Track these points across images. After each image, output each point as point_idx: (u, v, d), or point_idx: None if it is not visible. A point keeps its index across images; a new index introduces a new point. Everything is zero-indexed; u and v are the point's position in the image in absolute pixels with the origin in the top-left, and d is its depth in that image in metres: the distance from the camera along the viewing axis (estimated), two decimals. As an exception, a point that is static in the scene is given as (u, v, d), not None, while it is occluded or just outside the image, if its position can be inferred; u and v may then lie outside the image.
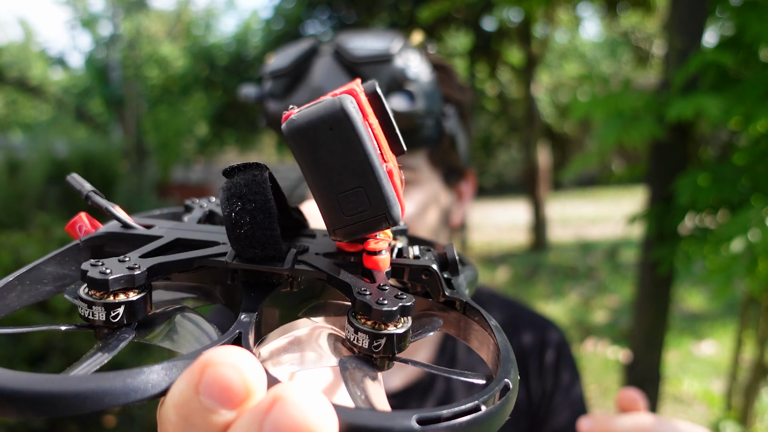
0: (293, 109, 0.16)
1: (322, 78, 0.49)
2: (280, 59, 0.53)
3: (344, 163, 0.15)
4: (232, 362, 0.12)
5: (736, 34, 1.10)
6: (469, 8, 3.67)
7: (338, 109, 0.15)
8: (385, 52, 0.49)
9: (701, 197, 1.01)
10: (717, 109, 0.96)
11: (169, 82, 5.98)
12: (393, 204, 0.16)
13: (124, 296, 0.16)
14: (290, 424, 0.11)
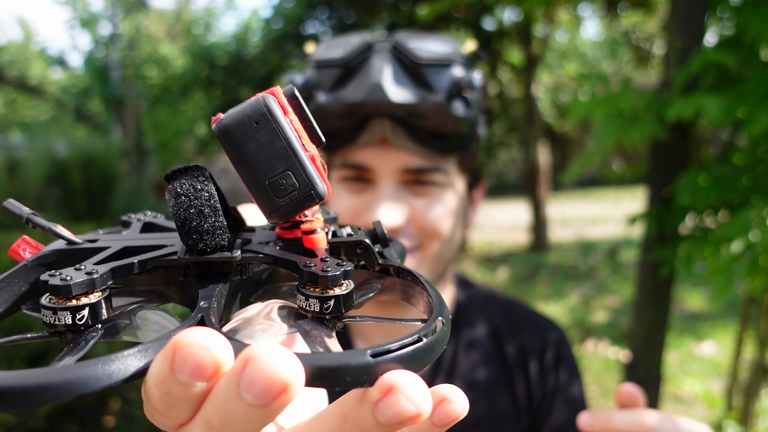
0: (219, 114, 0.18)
1: (381, 75, 0.50)
2: (331, 50, 0.53)
3: (271, 152, 0.18)
4: (199, 341, 0.13)
5: (736, 33, 1.10)
6: (469, 8, 3.67)
7: (262, 105, 0.17)
8: (447, 57, 0.50)
9: (701, 197, 1.01)
10: (717, 109, 0.95)
11: (168, 81, 5.98)
12: (318, 182, 0.18)
13: (86, 299, 0.17)
14: (263, 377, 0.13)
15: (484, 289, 0.72)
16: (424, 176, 0.55)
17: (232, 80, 4.73)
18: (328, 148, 0.55)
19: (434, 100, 0.50)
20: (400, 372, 0.15)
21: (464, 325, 0.67)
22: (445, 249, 0.58)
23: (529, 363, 0.66)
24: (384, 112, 0.51)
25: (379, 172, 0.54)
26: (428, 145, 0.53)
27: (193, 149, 5.82)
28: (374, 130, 0.53)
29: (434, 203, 0.56)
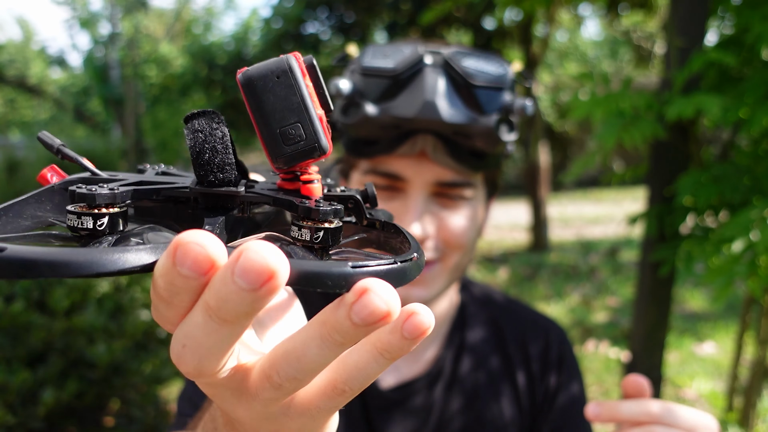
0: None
1: (435, 92, 0.49)
2: (381, 59, 0.51)
3: (286, 104, 0.20)
4: (196, 240, 0.16)
5: (736, 33, 1.10)
6: (469, 9, 3.67)
7: (285, 63, 0.20)
8: (500, 80, 0.51)
9: (702, 197, 1.01)
10: (718, 109, 0.95)
11: (168, 81, 5.97)
12: (322, 136, 0.21)
13: (106, 210, 0.19)
14: (254, 265, 0.15)
15: (484, 289, 0.72)
16: (455, 190, 0.56)
17: (232, 80, 4.73)
18: (360, 153, 0.55)
19: (484, 122, 0.50)
20: (374, 279, 0.18)
21: (467, 327, 0.67)
22: (463, 259, 0.59)
23: (531, 363, 0.66)
24: (432, 129, 0.51)
25: (413, 183, 0.55)
26: (465, 162, 0.53)
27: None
28: (415, 144, 0.53)
29: (461, 217, 0.56)
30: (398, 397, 0.62)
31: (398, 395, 0.62)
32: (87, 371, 1.43)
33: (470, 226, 0.58)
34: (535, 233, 4.64)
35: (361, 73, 0.52)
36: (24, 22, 11.81)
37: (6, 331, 1.38)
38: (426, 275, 0.56)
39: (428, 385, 0.63)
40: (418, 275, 0.19)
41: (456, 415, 0.63)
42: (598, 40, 9.92)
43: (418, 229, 0.53)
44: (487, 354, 0.66)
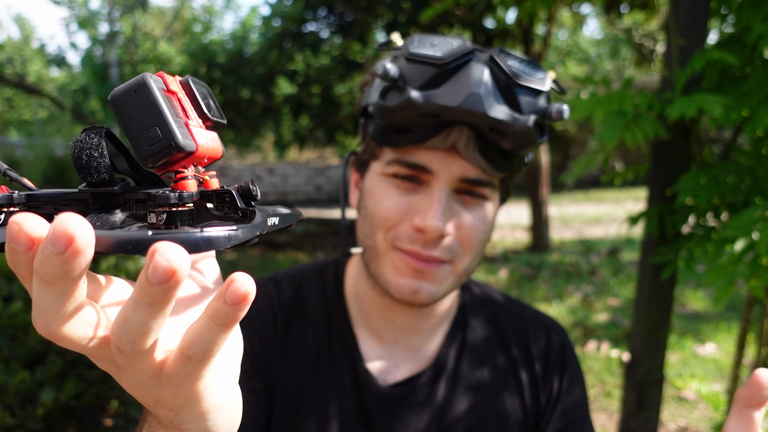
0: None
1: (480, 85, 0.49)
2: (428, 47, 0.51)
3: (144, 112, 0.24)
4: (16, 220, 0.19)
5: (737, 32, 1.09)
6: (470, 9, 3.66)
7: (140, 79, 0.24)
8: (540, 86, 0.51)
9: (703, 197, 1.00)
10: (719, 109, 0.94)
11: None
12: (178, 135, 0.24)
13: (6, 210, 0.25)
14: (58, 233, 0.18)
15: (484, 289, 0.72)
16: (478, 188, 0.56)
17: (231, 79, 4.71)
18: (389, 141, 0.54)
19: (523, 122, 0.50)
20: (166, 242, 0.20)
21: (468, 325, 0.67)
22: (472, 263, 0.59)
23: (534, 363, 0.66)
24: (471, 122, 0.51)
25: (438, 177, 0.54)
26: (493, 161, 0.54)
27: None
28: (448, 136, 0.53)
29: (479, 217, 0.57)
30: (398, 394, 0.62)
31: (398, 392, 0.62)
32: (86, 372, 1.43)
33: (485, 229, 0.58)
34: (536, 233, 4.64)
35: (407, 59, 0.51)
36: (22, 20, 11.78)
37: (4, 331, 1.38)
38: (438, 273, 0.56)
39: (430, 382, 0.63)
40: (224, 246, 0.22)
41: (459, 412, 0.63)
42: (599, 39, 9.91)
43: (440, 224, 0.53)
44: (488, 352, 0.66)
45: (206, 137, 0.26)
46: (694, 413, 2.07)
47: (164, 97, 0.24)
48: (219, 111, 0.28)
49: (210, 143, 0.26)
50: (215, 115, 0.27)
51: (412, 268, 0.56)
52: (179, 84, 0.26)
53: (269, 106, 4.82)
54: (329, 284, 0.68)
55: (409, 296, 0.56)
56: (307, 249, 4.61)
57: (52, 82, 10.09)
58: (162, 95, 0.24)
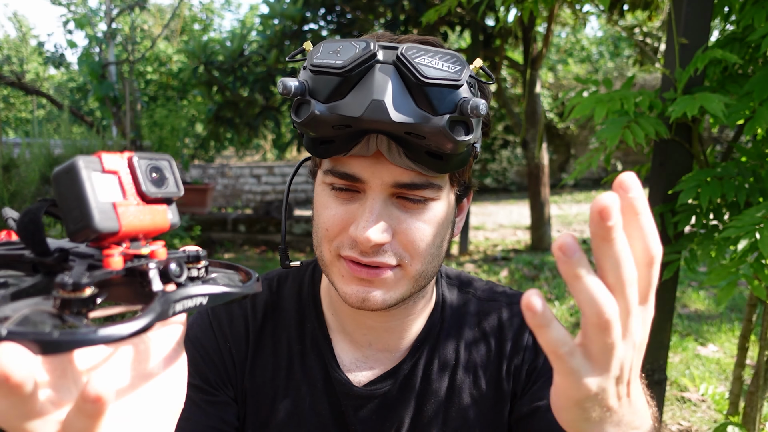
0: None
1: (383, 91, 0.47)
2: (330, 55, 0.49)
3: (71, 193, 0.26)
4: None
5: (740, 31, 1.08)
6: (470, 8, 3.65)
7: (71, 163, 0.26)
8: (454, 79, 0.47)
9: (705, 197, 0.99)
10: (722, 108, 0.93)
11: (165, 79, 5.93)
12: (95, 218, 0.25)
13: None
14: None
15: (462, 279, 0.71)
16: (416, 192, 0.54)
17: (230, 78, 4.70)
18: (318, 153, 0.53)
19: (435, 122, 0.47)
20: (6, 345, 0.21)
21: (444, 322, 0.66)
22: (428, 266, 0.57)
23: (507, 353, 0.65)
24: (381, 129, 0.49)
25: (370, 185, 0.53)
26: (424, 163, 0.51)
27: (191, 149, 5.79)
28: (369, 144, 0.51)
29: (422, 220, 0.55)
30: (373, 393, 0.63)
31: (373, 391, 0.63)
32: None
33: (434, 232, 0.56)
34: (537, 233, 4.63)
35: (311, 70, 0.49)
36: (20, 19, 11.75)
37: None
38: (385, 278, 0.55)
39: (404, 378, 0.63)
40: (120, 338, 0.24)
41: (435, 406, 0.63)
42: (600, 38, 9.90)
43: (371, 234, 0.51)
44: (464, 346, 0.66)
45: (143, 214, 0.28)
46: (696, 414, 2.06)
47: (92, 179, 0.26)
48: (175, 183, 0.29)
49: (149, 219, 0.28)
50: (164, 191, 0.29)
51: (356, 277, 0.55)
52: (126, 161, 0.28)
53: (268, 105, 4.81)
54: (306, 286, 0.68)
55: (359, 303, 0.55)
56: (306, 250, 4.60)
57: (49, 80, 10.07)
58: (89, 177, 0.26)
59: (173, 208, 0.30)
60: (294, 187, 8.08)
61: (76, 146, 3.23)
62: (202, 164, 7.27)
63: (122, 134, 4.65)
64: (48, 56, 5.64)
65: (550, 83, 8.30)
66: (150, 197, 0.28)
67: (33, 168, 2.88)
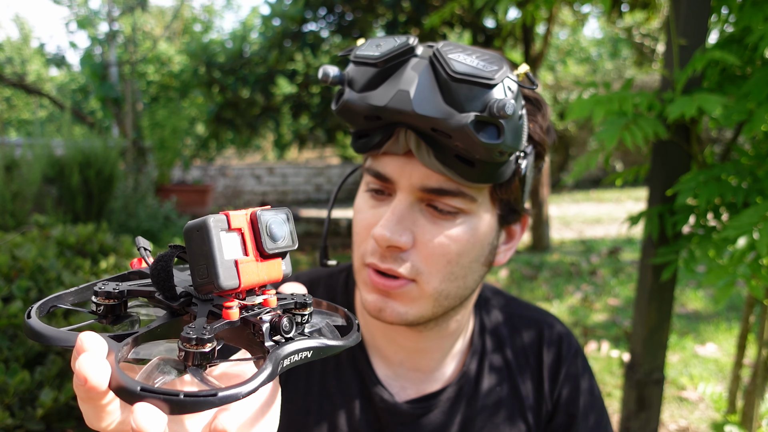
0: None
1: (411, 82, 0.46)
2: (371, 48, 0.49)
3: (200, 249, 0.28)
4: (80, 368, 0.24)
5: (738, 32, 1.09)
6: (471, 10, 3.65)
7: (203, 222, 0.28)
8: (486, 78, 0.44)
9: (703, 198, 1.00)
10: (720, 109, 0.94)
11: (166, 79, 5.94)
12: (220, 276, 0.28)
13: (107, 301, 0.31)
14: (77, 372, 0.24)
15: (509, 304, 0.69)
16: (444, 199, 0.51)
17: (231, 79, 4.71)
18: (356, 147, 0.53)
19: (459, 119, 0.44)
20: (143, 405, 0.24)
21: (487, 347, 0.65)
22: (449, 286, 0.53)
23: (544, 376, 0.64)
24: (407, 122, 0.47)
25: (398, 186, 0.51)
26: (453, 167, 0.48)
27: (191, 149, 5.80)
28: (399, 140, 0.50)
29: (446, 234, 0.51)
30: (417, 411, 0.60)
31: (417, 409, 0.60)
32: (85, 372, 1.42)
33: (459, 250, 0.51)
34: (537, 233, 4.63)
35: (353, 61, 0.50)
36: (21, 20, 11.77)
37: (4, 331, 1.37)
38: (401, 291, 0.52)
39: (451, 400, 0.61)
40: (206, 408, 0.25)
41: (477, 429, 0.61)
42: (599, 39, 9.90)
43: (387, 233, 0.49)
44: (509, 372, 0.64)
45: (260, 269, 0.30)
46: (694, 413, 2.07)
47: (220, 238, 0.28)
48: (290, 237, 0.31)
49: (265, 273, 0.30)
50: (281, 245, 0.30)
51: (375, 287, 0.53)
52: (249, 218, 0.30)
53: (269, 105, 4.82)
54: (339, 294, 0.65)
55: (376, 313, 0.54)
56: (306, 249, 4.61)
57: (51, 81, 10.08)
58: (218, 237, 0.28)
59: (287, 260, 0.31)
60: (295, 187, 8.08)
61: (77, 146, 3.24)
62: (203, 164, 7.28)
63: (123, 134, 4.66)
64: (50, 57, 5.65)
65: (549, 84, 8.30)
66: (267, 253, 0.29)
67: (35, 168, 2.89)
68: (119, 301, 0.31)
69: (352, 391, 0.61)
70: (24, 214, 2.63)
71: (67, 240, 1.63)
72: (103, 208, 3.27)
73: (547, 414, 0.64)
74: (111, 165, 3.28)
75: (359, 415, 0.60)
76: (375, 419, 0.60)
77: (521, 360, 0.65)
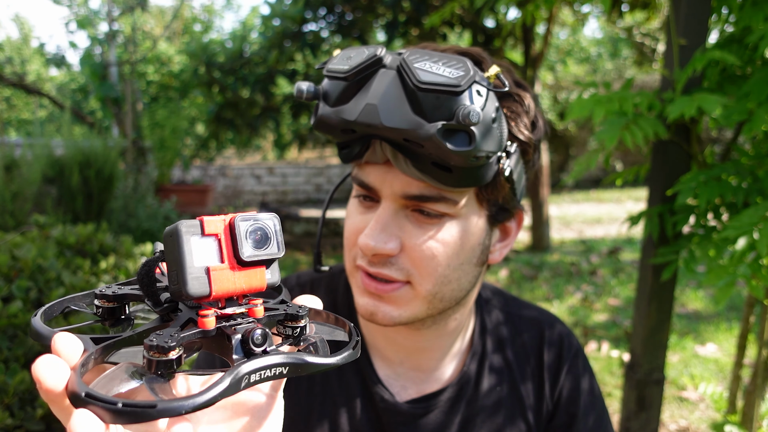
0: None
1: (379, 95, 0.46)
2: (342, 61, 0.50)
3: (173, 255, 0.27)
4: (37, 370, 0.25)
5: (738, 32, 1.09)
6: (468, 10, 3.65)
7: (174, 227, 0.27)
8: (452, 85, 0.44)
9: (703, 198, 1.00)
10: (720, 109, 0.94)
11: (166, 79, 5.94)
12: (188, 283, 0.27)
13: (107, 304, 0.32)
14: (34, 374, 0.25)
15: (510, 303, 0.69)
16: (426, 205, 0.51)
17: (231, 79, 4.71)
18: (341, 158, 0.54)
19: (427, 129, 0.44)
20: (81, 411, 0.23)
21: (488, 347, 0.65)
22: (443, 288, 0.54)
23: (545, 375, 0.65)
24: (378, 134, 0.48)
25: (382, 194, 0.53)
26: (431, 174, 0.49)
27: (191, 149, 5.80)
28: (377, 151, 0.51)
29: (434, 238, 0.52)
30: (418, 411, 0.61)
31: (418, 409, 0.61)
32: (85, 372, 1.42)
33: (448, 252, 0.52)
34: (537, 233, 4.63)
35: (325, 75, 0.50)
36: (21, 20, 11.77)
37: (4, 331, 1.37)
38: (394, 295, 0.53)
39: (451, 400, 0.62)
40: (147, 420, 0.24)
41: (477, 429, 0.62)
42: (599, 39, 9.90)
43: (371, 242, 0.51)
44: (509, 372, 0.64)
45: (237, 278, 0.28)
46: (694, 413, 2.07)
47: (191, 243, 0.27)
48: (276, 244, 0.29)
49: (243, 282, 0.28)
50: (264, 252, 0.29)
51: (367, 290, 0.54)
52: (227, 224, 0.28)
53: (269, 105, 4.82)
54: (340, 295, 0.66)
55: (368, 316, 0.54)
56: (306, 249, 4.61)
57: (51, 81, 10.08)
58: (188, 242, 0.27)
59: (274, 267, 0.30)
60: (295, 187, 8.08)
61: (77, 146, 3.24)
62: (203, 164, 7.28)
63: (123, 134, 4.66)
64: (49, 57, 5.65)
65: (549, 84, 8.30)
66: (246, 260, 0.28)
67: (35, 168, 2.88)
68: (118, 304, 0.31)
69: (354, 391, 0.61)
70: (24, 214, 2.63)
71: (66, 240, 1.63)
72: (103, 208, 3.27)
73: (547, 414, 0.64)
74: (111, 165, 3.28)
75: (360, 414, 0.61)
76: (376, 419, 0.61)
77: (522, 360, 0.65)
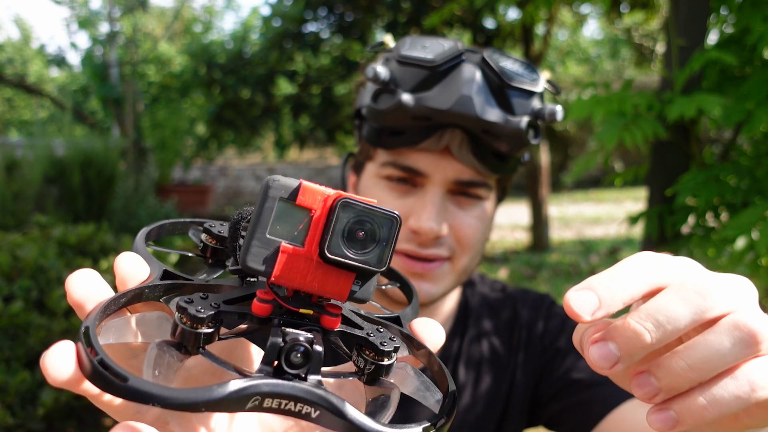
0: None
1: (472, 87, 0.50)
2: (419, 49, 0.52)
3: (255, 212, 0.23)
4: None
5: (737, 33, 1.09)
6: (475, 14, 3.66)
7: (265, 182, 0.23)
8: (533, 87, 0.52)
9: (703, 197, 1.00)
10: (719, 109, 0.95)
11: (167, 80, 5.95)
12: (248, 253, 0.22)
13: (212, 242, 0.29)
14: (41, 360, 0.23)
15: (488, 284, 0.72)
16: (472, 189, 0.57)
17: (231, 79, 4.72)
18: (382, 143, 0.55)
19: (515, 124, 0.51)
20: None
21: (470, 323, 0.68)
22: (472, 262, 0.60)
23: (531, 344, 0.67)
24: (463, 124, 0.52)
25: (432, 179, 0.55)
26: (487, 162, 0.54)
27: (192, 149, 5.80)
28: (441, 139, 0.53)
29: (474, 218, 0.58)
30: None
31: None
32: (86, 372, 1.43)
33: (481, 228, 0.59)
34: (536, 233, 4.63)
35: (399, 61, 0.52)
36: (22, 21, 11.79)
37: (5, 331, 1.38)
38: (436, 272, 0.57)
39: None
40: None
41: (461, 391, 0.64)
42: (598, 39, 9.91)
43: (435, 225, 0.54)
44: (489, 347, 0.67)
45: (313, 273, 0.22)
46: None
47: (274, 207, 0.22)
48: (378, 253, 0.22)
49: (317, 281, 0.22)
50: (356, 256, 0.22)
51: (409, 272, 0.56)
52: (330, 202, 0.22)
53: (269, 106, 4.83)
54: None
55: None
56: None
57: (52, 82, 10.09)
58: (271, 205, 0.22)
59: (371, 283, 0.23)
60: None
61: (78, 147, 3.24)
62: (204, 165, 7.29)
63: (124, 135, 4.67)
64: (50, 58, 5.66)
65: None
66: (329, 257, 0.22)
67: (36, 168, 2.90)
68: (222, 246, 0.27)
69: None
70: (25, 214, 2.64)
71: (67, 240, 1.64)
72: (104, 208, 3.27)
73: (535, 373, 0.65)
74: (111, 165, 3.29)
75: None
76: None
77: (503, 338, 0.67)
